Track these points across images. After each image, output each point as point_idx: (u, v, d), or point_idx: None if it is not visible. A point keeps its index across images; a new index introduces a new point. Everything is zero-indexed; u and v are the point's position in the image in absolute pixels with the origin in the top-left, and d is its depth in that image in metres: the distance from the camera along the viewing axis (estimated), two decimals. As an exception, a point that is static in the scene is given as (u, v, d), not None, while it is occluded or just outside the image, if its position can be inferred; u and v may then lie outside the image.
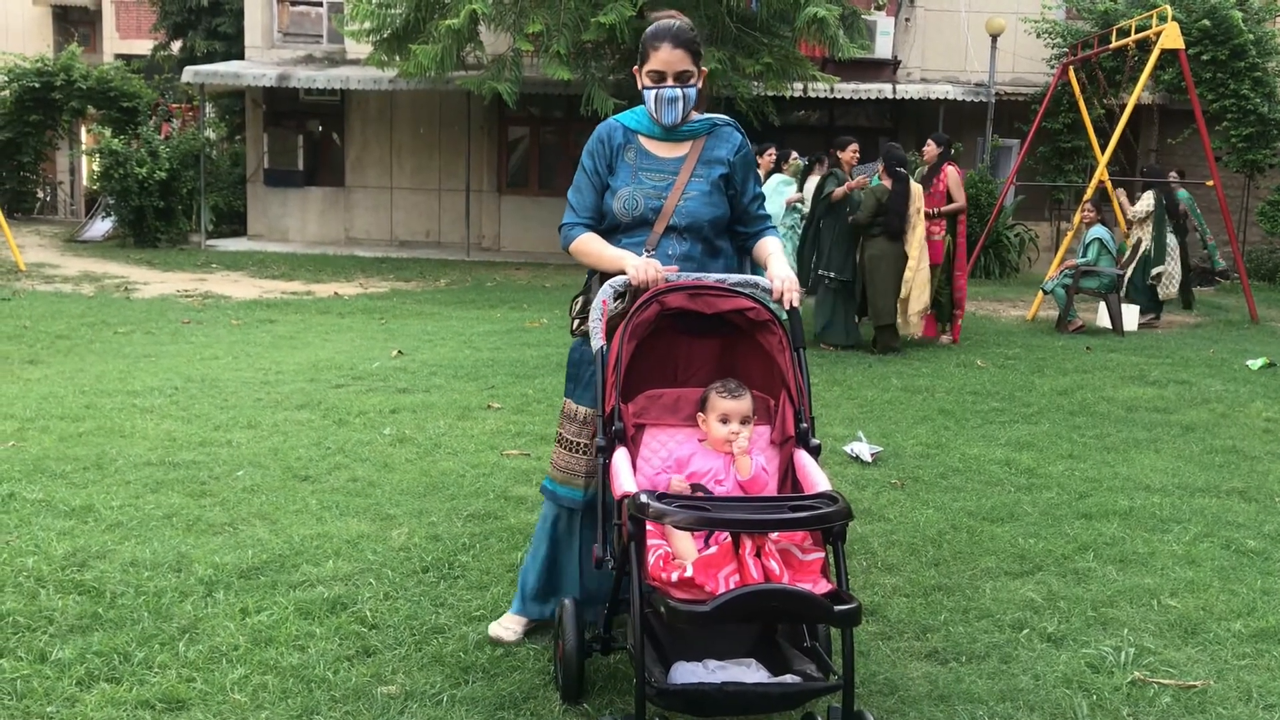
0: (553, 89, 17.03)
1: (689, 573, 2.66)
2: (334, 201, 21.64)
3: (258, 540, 4.37)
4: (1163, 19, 12.48)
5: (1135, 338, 11.28)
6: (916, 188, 9.83)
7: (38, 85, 21.48)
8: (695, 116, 3.49)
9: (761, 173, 11.24)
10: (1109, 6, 18.14)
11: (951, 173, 10.37)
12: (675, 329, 3.31)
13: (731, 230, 3.59)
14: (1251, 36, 17.44)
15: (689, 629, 2.85)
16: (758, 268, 3.69)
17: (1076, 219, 12.65)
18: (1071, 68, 15.03)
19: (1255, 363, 9.49)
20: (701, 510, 2.66)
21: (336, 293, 13.79)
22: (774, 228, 3.64)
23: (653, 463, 3.22)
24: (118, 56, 26.52)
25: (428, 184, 21.42)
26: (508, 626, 3.60)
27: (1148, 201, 12.37)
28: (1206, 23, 17.18)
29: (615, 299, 3.28)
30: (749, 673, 2.83)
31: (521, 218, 21.02)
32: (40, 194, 26.29)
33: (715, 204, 3.46)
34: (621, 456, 3.03)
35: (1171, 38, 12.20)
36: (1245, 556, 4.58)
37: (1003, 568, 4.37)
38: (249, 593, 3.84)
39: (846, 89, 18.64)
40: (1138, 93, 13.11)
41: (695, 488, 3.08)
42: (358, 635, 3.54)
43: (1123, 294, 11.85)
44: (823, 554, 2.83)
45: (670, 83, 3.37)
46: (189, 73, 19.86)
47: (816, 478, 2.96)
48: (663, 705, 2.74)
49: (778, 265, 3.41)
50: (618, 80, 16.89)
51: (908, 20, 20.46)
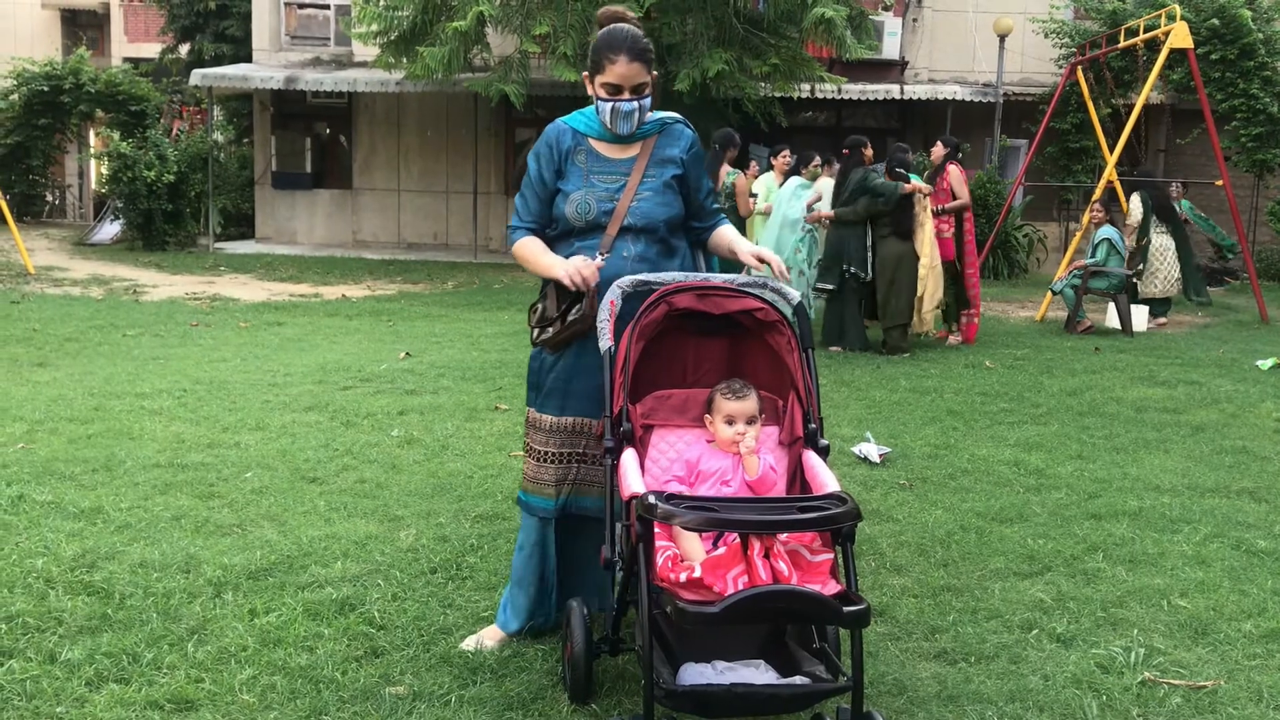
0: (560, 90, 17.04)
1: (697, 574, 2.66)
2: (341, 204, 21.67)
3: (266, 541, 4.38)
4: (1171, 18, 12.45)
5: (1144, 338, 11.25)
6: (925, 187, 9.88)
7: (46, 89, 21.57)
8: (646, 117, 3.44)
9: (777, 175, 11.23)
10: (1117, 6, 18.10)
11: (954, 170, 10.38)
12: (683, 329, 3.30)
13: (689, 227, 3.56)
14: (1261, 35, 17.39)
15: (697, 630, 2.85)
16: (716, 259, 3.68)
17: (1085, 219, 12.62)
18: (1079, 68, 15.00)
19: (1265, 363, 9.46)
20: (710, 511, 2.65)
21: (344, 295, 13.81)
22: (725, 218, 3.63)
23: (661, 463, 3.22)
24: (126, 60, 26.63)
25: (435, 186, 21.44)
26: (479, 637, 3.54)
27: (1136, 207, 12.33)
28: (1215, 22, 17.13)
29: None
30: (758, 674, 2.82)
31: (529, 219, 21.01)
32: (49, 197, 26.41)
33: (669, 203, 3.42)
34: (630, 457, 3.02)
35: (1180, 37, 12.17)
36: (1256, 557, 4.56)
37: (1012, 568, 4.36)
38: (257, 594, 3.85)
39: (854, 90, 18.63)
40: (1146, 92, 13.07)
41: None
42: (366, 636, 3.54)
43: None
44: (831, 555, 2.82)
45: (627, 96, 3.32)
46: (197, 76, 19.91)
47: (825, 478, 2.95)
48: (671, 706, 2.74)
49: (747, 244, 3.42)
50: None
51: (915, 21, 20.44)
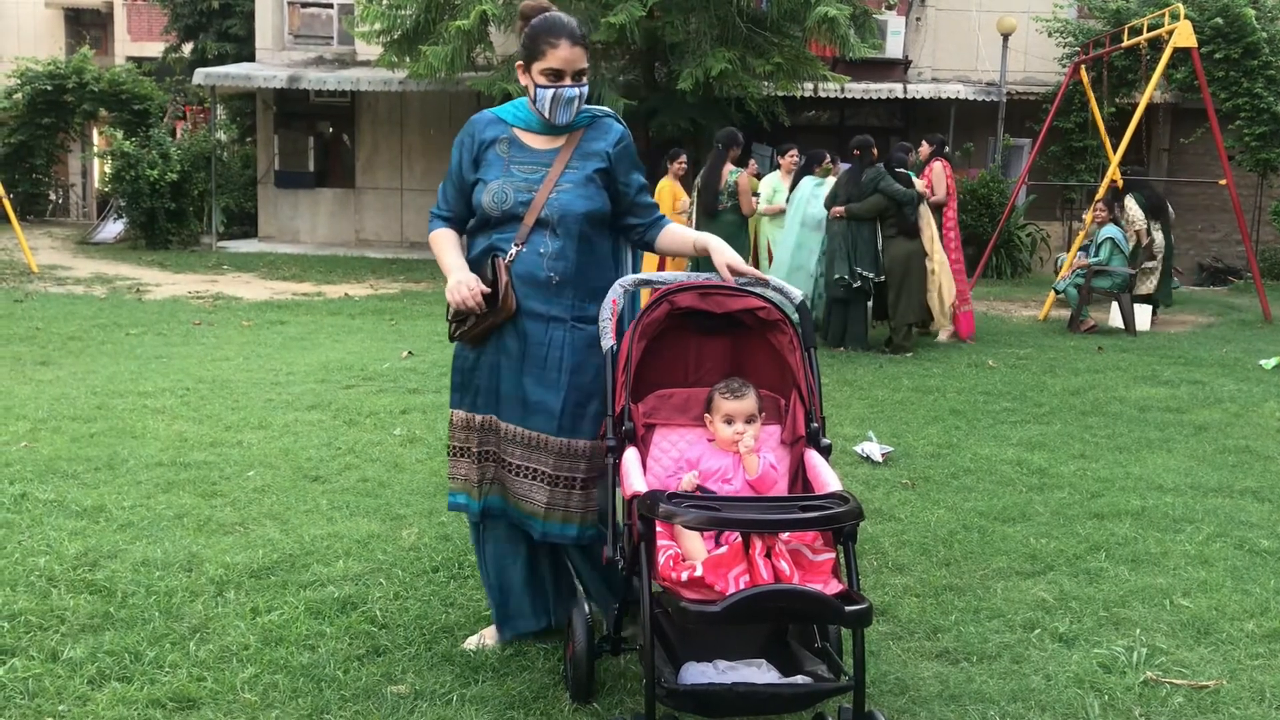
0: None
1: (699, 573, 2.66)
2: (344, 203, 21.68)
3: (268, 540, 4.38)
4: (1175, 17, 12.43)
5: (1147, 337, 11.24)
6: (920, 182, 9.92)
7: (50, 88, 21.59)
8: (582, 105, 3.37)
9: (784, 175, 11.19)
10: (1121, 5, 18.07)
11: (937, 168, 10.41)
12: (685, 328, 3.30)
13: (625, 225, 3.45)
14: (1265, 34, 17.36)
15: (699, 629, 2.85)
16: (639, 256, 3.59)
17: (1088, 218, 12.61)
18: (1083, 67, 14.98)
19: (1269, 362, 9.45)
20: (711, 510, 2.65)
21: (347, 294, 13.82)
22: (666, 217, 3.49)
23: (663, 462, 3.22)
24: (129, 59, 26.65)
25: (437, 185, 21.45)
26: (481, 636, 3.54)
27: (1135, 209, 12.30)
28: (1219, 21, 17.11)
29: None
30: (760, 673, 2.82)
31: (532, 218, 21.03)
32: (52, 196, 26.44)
33: (590, 197, 3.30)
34: (631, 456, 3.02)
35: (1184, 36, 12.16)
36: (1258, 556, 4.56)
37: (1014, 568, 4.35)
38: (260, 592, 3.85)
39: (857, 89, 18.61)
40: (1149, 92, 13.05)
41: (701, 489, 3.08)
42: (368, 635, 3.55)
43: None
44: (834, 554, 2.82)
45: (569, 81, 3.25)
46: (200, 75, 19.93)
47: (827, 478, 2.95)
48: (673, 706, 2.73)
49: (725, 252, 3.26)
50: (628, 80, 16.90)
51: (919, 20, 20.42)
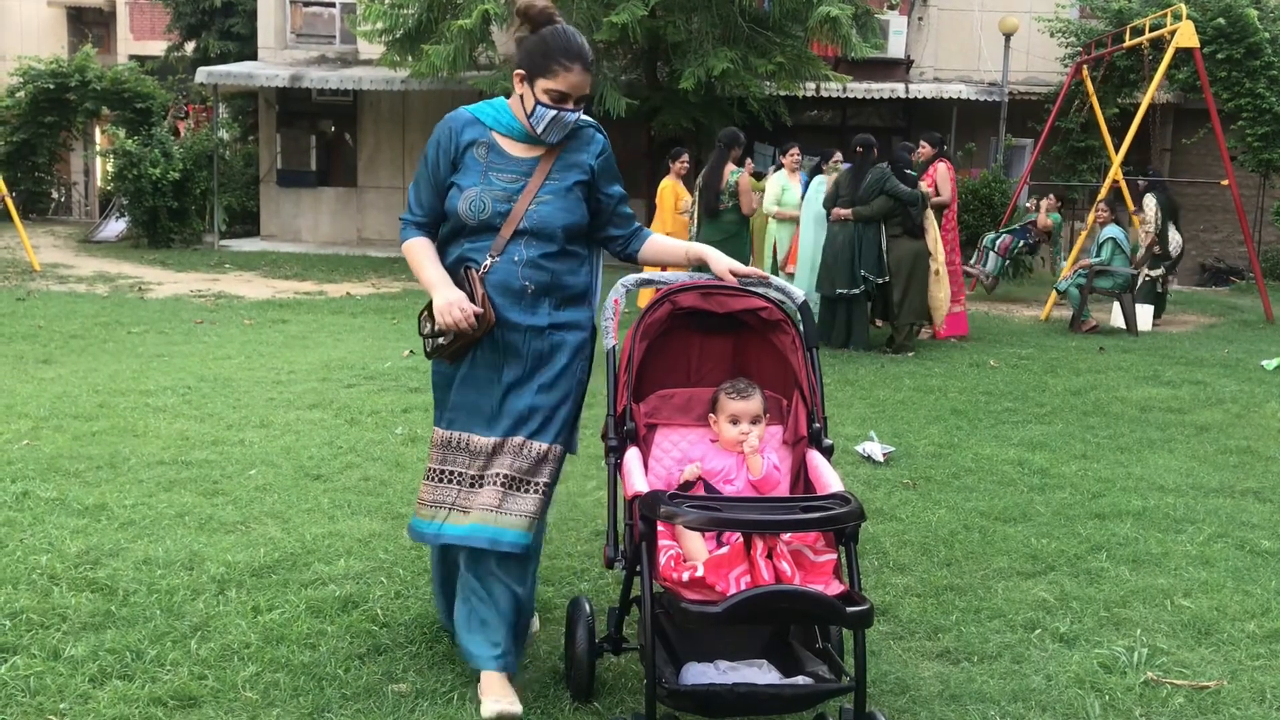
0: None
1: (700, 573, 2.66)
2: (346, 201, 21.69)
3: (270, 539, 4.38)
4: (1177, 17, 12.43)
5: (1149, 338, 11.23)
6: (925, 184, 9.91)
7: (52, 86, 21.58)
8: None
9: (787, 173, 11.19)
10: (1123, 5, 18.06)
11: (941, 169, 10.43)
12: (687, 328, 3.30)
13: (606, 237, 3.36)
14: (1267, 35, 17.35)
15: (700, 629, 2.85)
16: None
17: (1091, 219, 12.61)
18: (1085, 67, 14.98)
19: (1270, 363, 9.44)
20: (713, 510, 2.65)
21: (349, 292, 13.82)
22: (645, 228, 3.43)
23: (664, 463, 3.22)
24: (132, 57, 26.61)
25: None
26: (500, 697, 3.06)
27: (1153, 210, 12.30)
28: (1222, 21, 17.09)
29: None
30: (761, 674, 2.82)
31: (534, 218, 21.04)
32: (55, 195, 26.41)
33: (570, 209, 3.19)
34: (633, 456, 3.03)
35: (1186, 36, 12.15)
36: (1259, 557, 4.56)
37: (1015, 568, 4.35)
38: (261, 591, 3.85)
39: (859, 89, 18.60)
40: (1151, 92, 13.05)
41: (706, 487, 3.08)
42: (369, 633, 3.55)
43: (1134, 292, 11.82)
44: (835, 555, 2.82)
45: (571, 105, 3.13)
46: (202, 73, 19.94)
47: (829, 478, 2.95)
48: (674, 706, 2.74)
49: (721, 258, 3.25)
50: (630, 80, 16.89)
51: (921, 19, 20.41)
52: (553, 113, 3.12)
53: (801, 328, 3.23)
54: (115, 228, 20.91)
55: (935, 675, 3.39)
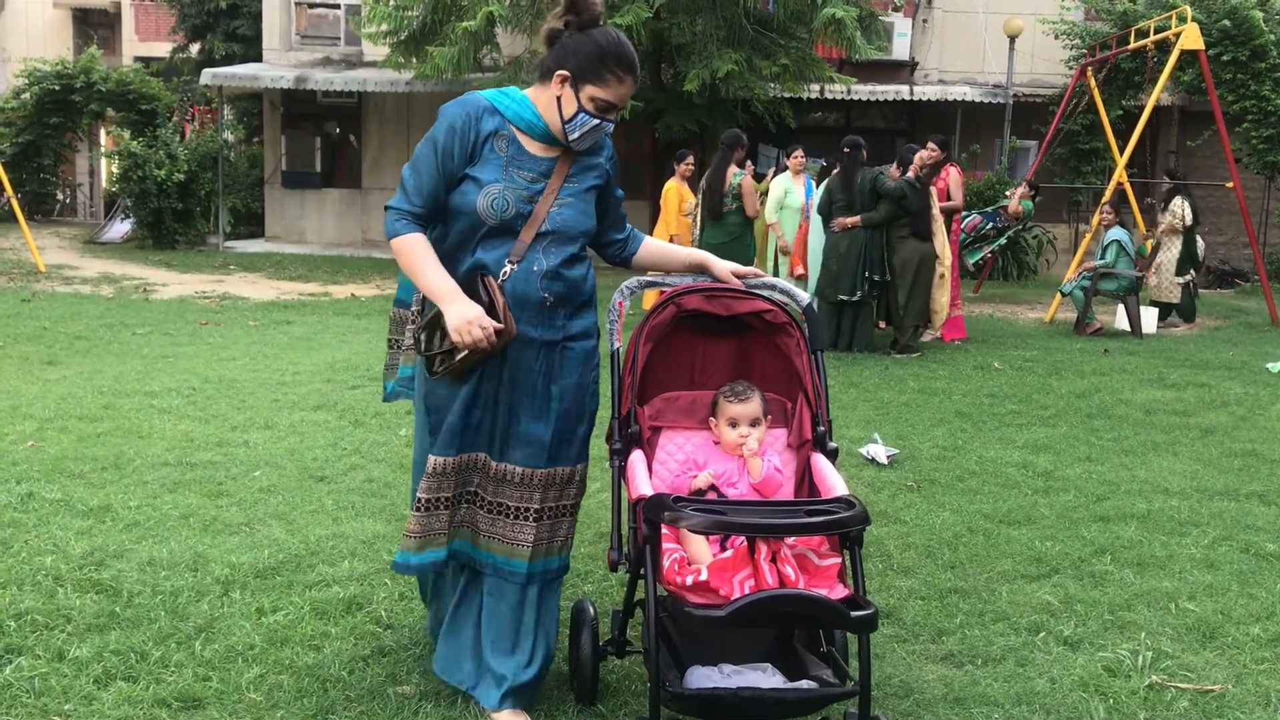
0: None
1: (704, 577, 2.66)
2: (351, 203, 21.71)
3: (274, 540, 4.39)
4: (1182, 19, 12.41)
5: (1154, 340, 11.22)
6: (934, 188, 9.88)
7: (58, 88, 21.63)
8: None
9: (791, 175, 11.19)
10: (1128, 7, 18.05)
11: (953, 173, 10.44)
12: (692, 331, 3.30)
13: (607, 241, 3.24)
14: (1273, 37, 17.33)
15: (704, 633, 2.85)
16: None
17: (1095, 221, 12.59)
18: (1089, 69, 14.97)
19: (1275, 365, 9.43)
20: (717, 514, 2.65)
21: (353, 294, 13.83)
22: (635, 230, 3.33)
23: (669, 465, 3.22)
24: (137, 59, 26.67)
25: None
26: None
27: (1185, 210, 12.31)
28: (1227, 23, 17.08)
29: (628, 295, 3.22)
30: (765, 678, 2.81)
31: (537, 219, 21.04)
32: (60, 196, 26.49)
33: (588, 214, 3.05)
34: (637, 459, 3.02)
35: (1191, 38, 12.14)
36: (1264, 560, 4.55)
37: (1019, 571, 4.35)
38: (265, 592, 3.85)
39: (863, 90, 18.60)
40: (1156, 94, 13.03)
41: (713, 489, 3.08)
42: (373, 635, 3.55)
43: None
44: (839, 559, 2.81)
45: (613, 116, 2.96)
46: (207, 75, 19.97)
47: (833, 482, 2.94)
48: (677, 709, 2.73)
49: (720, 262, 3.23)
50: (634, 81, 16.88)
51: (925, 21, 20.40)
52: (595, 122, 2.93)
53: (806, 330, 3.23)
54: (120, 229, 20.96)
55: (939, 678, 3.39)
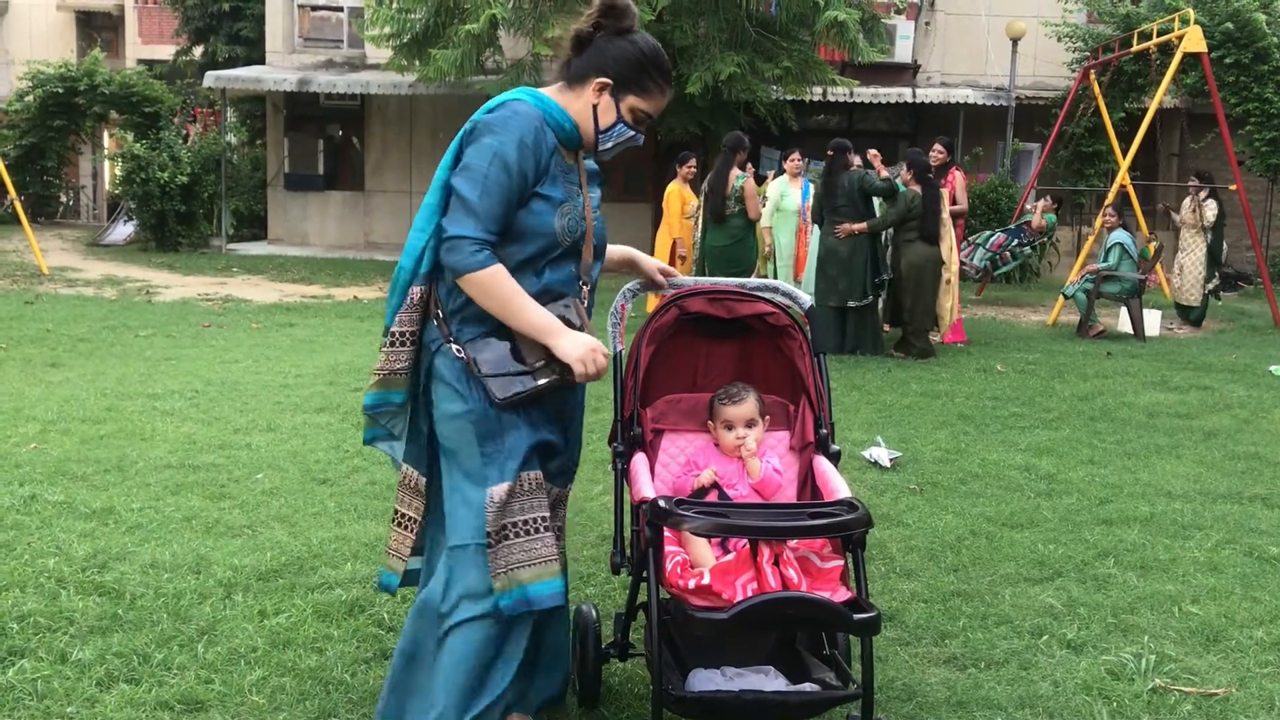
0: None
1: (706, 580, 2.65)
2: (354, 205, 21.72)
3: (276, 543, 4.39)
4: (1185, 22, 12.41)
5: (1156, 343, 11.21)
6: (945, 191, 9.89)
7: (61, 90, 21.65)
8: None
9: (788, 178, 11.19)
10: (1130, 10, 18.04)
11: (959, 176, 10.47)
12: (694, 333, 3.29)
13: None
14: (1275, 39, 17.31)
15: (707, 636, 2.85)
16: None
17: (1098, 223, 12.59)
18: (1092, 71, 14.96)
19: (1278, 368, 9.42)
20: (719, 517, 2.64)
21: (356, 296, 13.84)
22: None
23: (671, 468, 3.21)
24: (140, 61, 26.70)
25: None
26: None
27: (1213, 211, 12.31)
28: (1229, 26, 17.07)
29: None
30: (768, 680, 2.81)
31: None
32: (63, 198, 26.49)
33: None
34: (640, 462, 3.02)
35: (1194, 41, 12.13)
36: (1268, 563, 4.54)
37: (1022, 574, 4.34)
38: (267, 595, 3.85)
39: (866, 93, 18.61)
40: (1159, 97, 13.03)
41: (720, 493, 3.07)
42: (375, 638, 3.55)
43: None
44: (842, 561, 2.81)
45: (643, 128, 2.83)
46: (210, 77, 19.99)
47: (836, 484, 2.94)
48: (680, 712, 2.73)
49: (642, 255, 3.19)
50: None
51: (928, 24, 20.40)
52: (631, 134, 2.78)
53: (809, 333, 3.23)
54: (123, 231, 20.98)
55: (942, 681, 3.38)
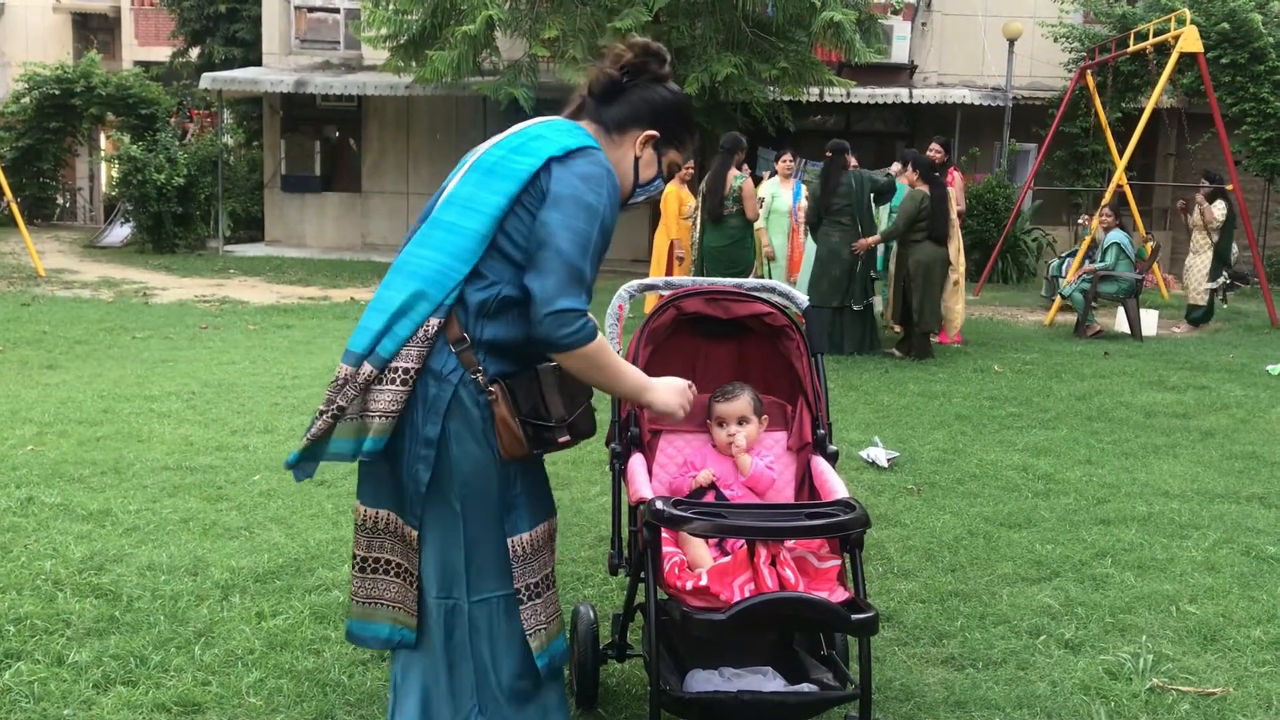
0: (569, 94, 17.07)
1: (704, 580, 2.65)
2: (351, 207, 21.71)
3: (273, 544, 4.38)
4: (1181, 22, 12.42)
5: (1153, 343, 11.22)
6: (953, 192, 9.93)
7: (58, 92, 21.64)
8: None
9: (779, 179, 11.19)
10: (1127, 10, 18.06)
11: (957, 177, 10.48)
12: (692, 334, 3.30)
13: None
14: (1271, 39, 17.34)
15: (704, 637, 2.84)
16: None
17: (1095, 224, 12.60)
18: (1089, 72, 14.97)
19: (1275, 368, 9.43)
20: (717, 517, 2.64)
21: (353, 298, 13.83)
22: None
23: (669, 469, 3.22)
24: (137, 63, 26.69)
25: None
26: None
27: (1222, 211, 12.32)
28: (1225, 26, 17.09)
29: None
30: (765, 681, 2.81)
31: (537, 223, 21.08)
32: (60, 200, 26.48)
33: None
34: (637, 462, 3.02)
35: (1190, 41, 12.14)
36: (1265, 563, 4.54)
37: (1020, 574, 4.35)
38: (265, 596, 3.85)
39: (863, 94, 18.61)
40: (1156, 97, 13.04)
41: (718, 493, 3.07)
42: (373, 640, 3.54)
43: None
44: (839, 561, 2.81)
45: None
46: (207, 79, 19.97)
47: (834, 484, 2.94)
48: (678, 713, 2.73)
49: None
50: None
51: (924, 24, 20.41)
52: (657, 182, 2.69)
53: (806, 333, 3.23)
54: (120, 233, 20.96)
55: (940, 681, 3.38)
